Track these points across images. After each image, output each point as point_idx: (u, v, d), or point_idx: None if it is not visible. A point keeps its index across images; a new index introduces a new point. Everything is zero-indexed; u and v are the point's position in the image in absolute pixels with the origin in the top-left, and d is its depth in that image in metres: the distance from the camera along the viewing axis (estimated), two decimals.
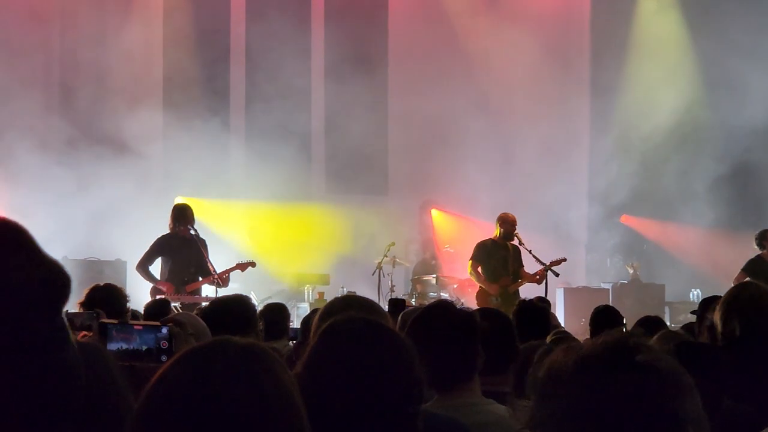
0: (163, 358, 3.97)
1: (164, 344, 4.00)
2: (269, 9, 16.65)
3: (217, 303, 5.77)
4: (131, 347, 4.02)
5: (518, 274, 12.77)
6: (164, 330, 4.04)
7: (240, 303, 5.40)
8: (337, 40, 17.19)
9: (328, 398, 2.38)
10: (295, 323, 10.29)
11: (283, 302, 8.74)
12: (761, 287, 4.53)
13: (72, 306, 6.43)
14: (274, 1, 16.83)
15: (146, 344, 4.02)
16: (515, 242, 12.71)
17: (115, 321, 4.20)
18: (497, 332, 4.14)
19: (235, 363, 1.83)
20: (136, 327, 4.09)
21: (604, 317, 7.20)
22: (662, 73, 17.61)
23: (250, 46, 17.03)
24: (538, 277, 12.64)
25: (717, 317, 4.36)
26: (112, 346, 4.01)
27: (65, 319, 1.61)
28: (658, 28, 18.01)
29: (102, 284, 6.14)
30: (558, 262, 12.80)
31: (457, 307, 3.89)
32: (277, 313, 7.43)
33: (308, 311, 12.55)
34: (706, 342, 4.54)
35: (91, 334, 4.24)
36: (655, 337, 4.41)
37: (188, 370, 1.85)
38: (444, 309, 3.71)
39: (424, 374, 2.60)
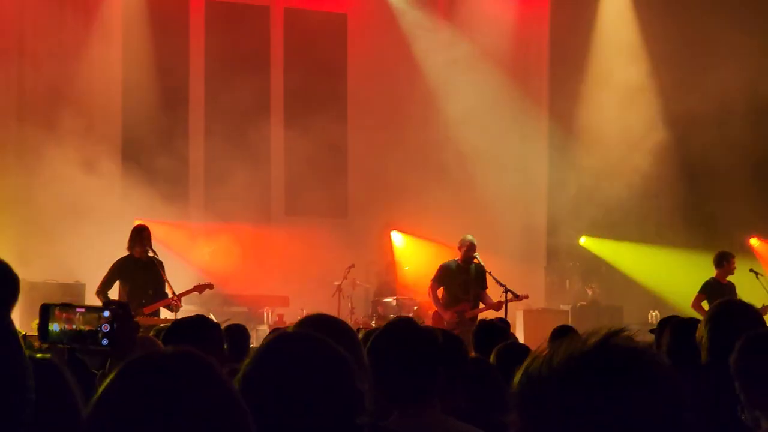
0: (104, 341, 3.96)
1: (106, 327, 3.98)
2: (228, 48, 16.77)
3: (178, 324, 5.71)
4: (73, 327, 4.00)
5: (479, 298, 12.71)
6: (106, 313, 4.02)
7: (201, 324, 5.33)
8: (297, 63, 17.24)
9: (264, 414, 2.32)
10: (255, 345, 10.23)
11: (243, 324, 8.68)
12: (745, 303, 4.53)
13: (30, 328, 6.35)
14: (232, 39, 16.91)
15: (88, 324, 4.00)
16: (478, 262, 12.67)
17: (59, 303, 4.18)
18: (447, 351, 4.13)
19: (176, 372, 1.82)
20: (78, 309, 4.08)
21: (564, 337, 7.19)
22: (621, 94, 17.73)
23: (209, 70, 17.04)
24: (497, 304, 12.57)
25: (703, 334, 4.32)
26: (55, 327, 3.99)
27: (12, 322, 1.58)
28: (617, 45, 18.13)
29: (59, 304, 6.06)
30: (519, 298, 12.74)
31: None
32: (237, 334, 7.42)
33: (267, 333, 12.47)
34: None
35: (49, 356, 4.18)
36: None
37: (131, 380, 1.82)
38: (405, 326, 3.70)
39: (366, 387, 2.56)
